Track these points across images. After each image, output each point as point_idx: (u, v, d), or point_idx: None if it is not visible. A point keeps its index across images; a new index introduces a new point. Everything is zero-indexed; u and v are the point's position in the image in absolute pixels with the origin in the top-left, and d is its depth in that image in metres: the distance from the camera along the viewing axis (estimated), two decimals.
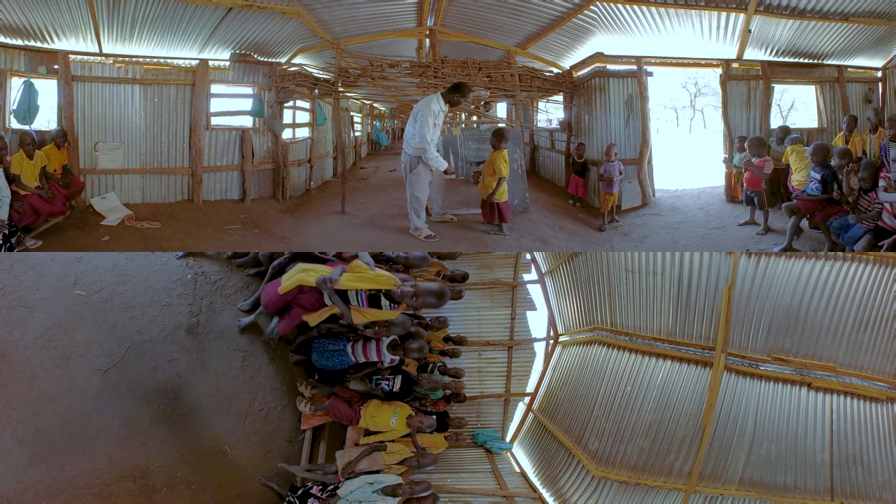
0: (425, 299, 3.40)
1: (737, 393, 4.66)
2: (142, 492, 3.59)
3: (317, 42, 6.77)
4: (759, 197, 5.80)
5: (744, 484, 4.62)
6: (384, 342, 4.15)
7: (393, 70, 6.47)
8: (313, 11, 6.08)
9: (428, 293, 3.40)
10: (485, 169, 5.33)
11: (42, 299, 3.88)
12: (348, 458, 4.07)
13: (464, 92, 4.73)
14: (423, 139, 4.68)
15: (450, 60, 6.56)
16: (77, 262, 4.18)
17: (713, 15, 6.16)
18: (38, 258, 4.10)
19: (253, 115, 6.55)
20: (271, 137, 6.69)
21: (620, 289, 5.19)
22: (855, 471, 4.50)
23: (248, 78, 6.50)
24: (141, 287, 4.26)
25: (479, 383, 6.73)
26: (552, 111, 9.32)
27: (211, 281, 4.58)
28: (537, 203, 6.57)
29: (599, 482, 4.92)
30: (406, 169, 5.06)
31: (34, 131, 5.24)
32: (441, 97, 4.84)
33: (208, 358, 4.24)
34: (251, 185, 6.54)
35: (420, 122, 4.72)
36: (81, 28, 5.48)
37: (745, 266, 4.58)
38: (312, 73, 6.83)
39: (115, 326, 4.00)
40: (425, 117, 4.68)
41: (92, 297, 4.04)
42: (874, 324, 4.53)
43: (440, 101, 4.81)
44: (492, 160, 5.28)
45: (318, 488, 3.87)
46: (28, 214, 4.81)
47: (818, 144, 5.04)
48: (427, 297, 3.40)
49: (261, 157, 6.61)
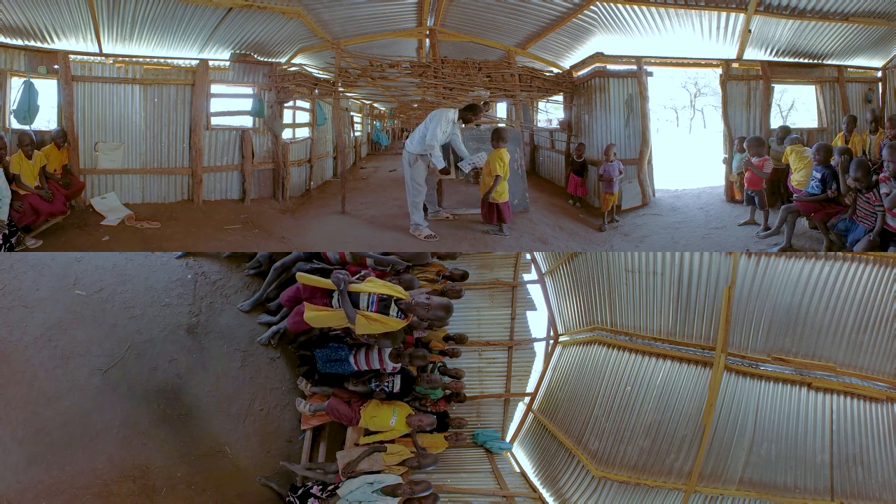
0: (436, 312, 3.47)
1: (737, 393, 4.66)
2: (142, 492, 3.59)
3: (317, 42, 6.77)
4: (759, 196, 5.80)
5: (744, 484, 4.62)
6: (386, 351, 4.16)
7: (393, 70, 6.47)
8: (313, 11, 6.08)
9: (440, 307, 3.48)
10: (483, 167, 5.37)
11: (42, 299, 3.89)
12: (349, 458, 4.07)
13: (476, 112, 5.37)
14: (433, 138, 5.14)
15: (450, 60, 6.56)
16: (77, 262, 4.18)
17: (713, 15, 6.16)
18: (38, 258, 4.10)
19: (253, 115, 6.55)
20: (271, 137, 6.69)
21: (620, 289, 5.19)
22: (855, 471, 4.50)
23: (248, 78, 6.50)
24: (141, 287, 4.26)
25: (479, 383, 6.72)
26: (552, 111, 9.32)
27: (211, 281, 4.59)
28: (537, 203, 6.57)
29: (599, 482, 4.92)
30: (406, 163, 5.35)
31: (34, 131, 5.24)
32: (457, 112, 5.34)
33: (208, 358, 4.24)
34: (251, 185, 6.54)
35: (434, 125, 5.17)
36: (81, 28, 5.48)
37: (745, 266, 4.58)
38: (312, 73, 6.83)
39: (115, 326, 4.00)
40: (439, 122, 5.16)
41: (92, 297, 4.04)
42: (874, 324, 4.53)
43: (455, 114, 5.32)
44: (490, 159, 5.31)
45: (318, 488, 3.87)
46: (28, 214, 4.81)
47: (821, 144, 5.05)
48: (438, 311, 3.47)
49: (261, 157, 6.62)
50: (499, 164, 5.22)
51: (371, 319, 3.47)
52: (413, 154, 5.28)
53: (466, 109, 5.36)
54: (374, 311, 3.50)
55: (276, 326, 4.47)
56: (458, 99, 6.45)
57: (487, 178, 5.30)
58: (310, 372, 4.50)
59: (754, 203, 5.88)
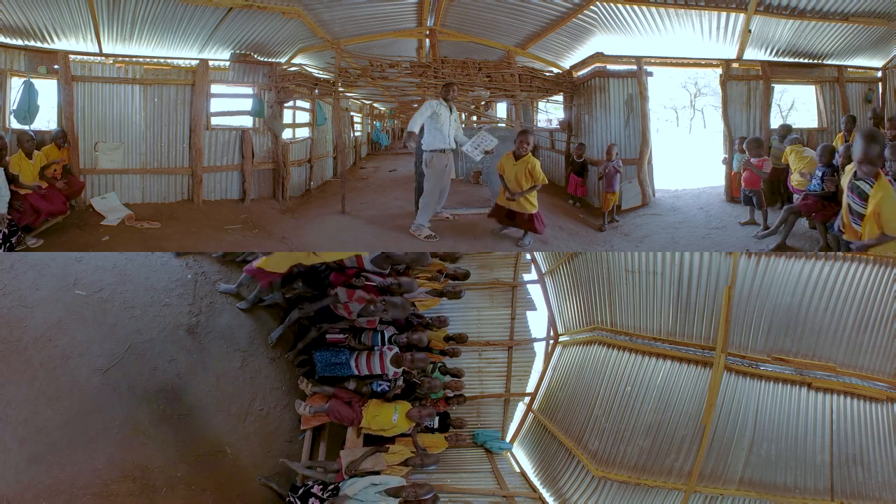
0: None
1: (737, 393, 4.66)
2: (142, 492, 3.59)
3: (317, 42, 6.77)
4: (757, 196, 5.80)
5: (744, 484, 4.62)
6: (387, 355, 4.15)
7: (393, 70, 6.47)
8: (313, 11, 6.08)
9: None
10: (517, 173, 5.07)
11: (42, 299, 3.88)
12: (352, 457, 4.07)
13: (450, 88, 5.36)
14: (412, 124, 5.17)
15: (450, 60, 6.57)
16: (77, 262, 4.18)
17: (713, 15, 6.16)
18: (38, 258, 4.10)
19: (253, 115, 6.55)
20: (271, 137, 6.69)
21: (620, 289, 5.19)
22: (855, 471, 4.50)
23: (248, 78, 6.50)
24: (141, 287, 4.26)
25: (479, 383, 6.72)
26: (552, 111, 9.31)
27: (211, 281, 4.59)
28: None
29: (599, 482, 4.92)
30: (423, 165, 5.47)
31: (34, 131, 5.24)
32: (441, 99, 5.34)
33: (208, 358, 4.24)
34: (251, 185, 6.54)
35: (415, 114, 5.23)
36: (81, 28, 5.48)
37: (745, 266, 4.58)
38: (312, 73, 6.83)
39: (115, 326, 4.00)
40: (419, 110, 5.24)
41: (92, 297, 4.04)
42: (874, 324, 4.53)
43: (439, 102, 5.30)
44: (528, 167, 5.03)
45: (318, 488, 3.87)
46: (28, 214, 4.81)
47: (825, 146, 5.12)
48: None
49: (261, 157, 6.61)
50: (538, 172, 5.02)
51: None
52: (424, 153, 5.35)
53: (442, 88, 5.45)
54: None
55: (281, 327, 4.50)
56: (458, 99, 6.45)
57: (524, 181, 5.05)
58: (310, 372, 4.51)
59: (752, 203, 5.89)
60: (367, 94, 9.16)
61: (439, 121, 5.23)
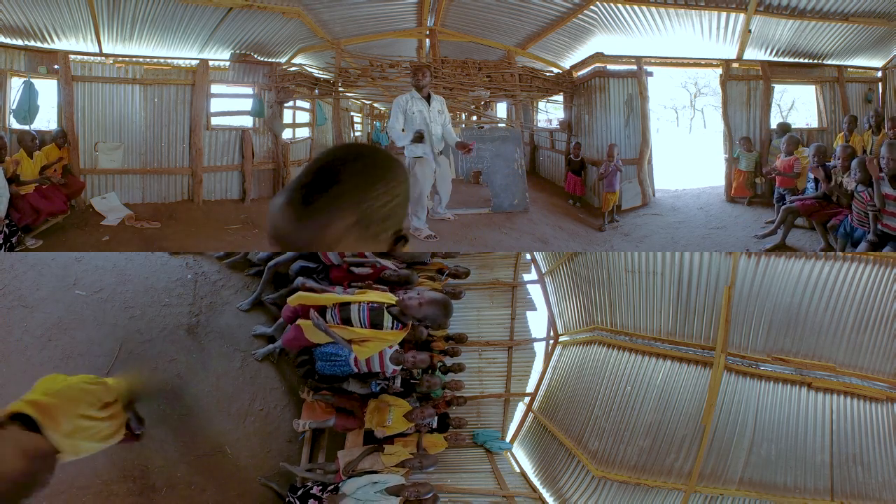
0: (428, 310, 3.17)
1: (737, 393, 4.65)
2: (142, 492, 3.59)
3: (317, 42, 6.77)
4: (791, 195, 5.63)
5: (744, 484, 4.61)
6: (387, 353, 4.13)
7: (393, 70, 6.48)
8: (313, 11, 6.08)
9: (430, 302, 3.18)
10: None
11: (42, 299, 3.88)
12: (350, 457, 4.07)
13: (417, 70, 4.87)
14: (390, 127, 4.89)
15: (450, 60, 6.57)
16: (77, 262, 4.18)
17: (713, 15, 6.16)
18: (38, 258, 4.10)
19: (253, 115, 6.55)
20: (271, 137, 6.69)
21: (620, 289, 5.18)
22: (855, 471, 4.50)
23: (248, 78, 6.50)
24: (141, 287, 4.26)
25: (479, 383, 6.72)
26: (552, 111, 9.32)
27: (211, 281, 4.58)
28: (537, 203, 6.57)
29: (599, 482, 4.91)
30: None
31: (34, 131, 5.24)
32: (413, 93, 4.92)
33: (208, 358, 4.24)
34: (251, 185, 6.54)
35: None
36: (81, 28, 5.48)
37: (745, 266, 4.58)
38: (312, 73, 6.83)
39: (115, 326, 4.00)
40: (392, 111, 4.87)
41: (92, 297, 4.04)
42: (874, 324, 4.53)
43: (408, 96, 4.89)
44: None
45: (318, 488, 3.87)
46: (28, 214, 4.82)
47: (818, 146, 5.11)
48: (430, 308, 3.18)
49: (261, 157, 6.61)
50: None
51: (365, 345, 3.26)
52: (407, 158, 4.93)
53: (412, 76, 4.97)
54: (366, 326, 3.30)
55: (272, 346, 4.38)
56: (458, 99, 6.46)
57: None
58: (310, 372, 4.50)
59: (783, 202, 5.65)
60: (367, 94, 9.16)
61: (414, 121, 4.71)
